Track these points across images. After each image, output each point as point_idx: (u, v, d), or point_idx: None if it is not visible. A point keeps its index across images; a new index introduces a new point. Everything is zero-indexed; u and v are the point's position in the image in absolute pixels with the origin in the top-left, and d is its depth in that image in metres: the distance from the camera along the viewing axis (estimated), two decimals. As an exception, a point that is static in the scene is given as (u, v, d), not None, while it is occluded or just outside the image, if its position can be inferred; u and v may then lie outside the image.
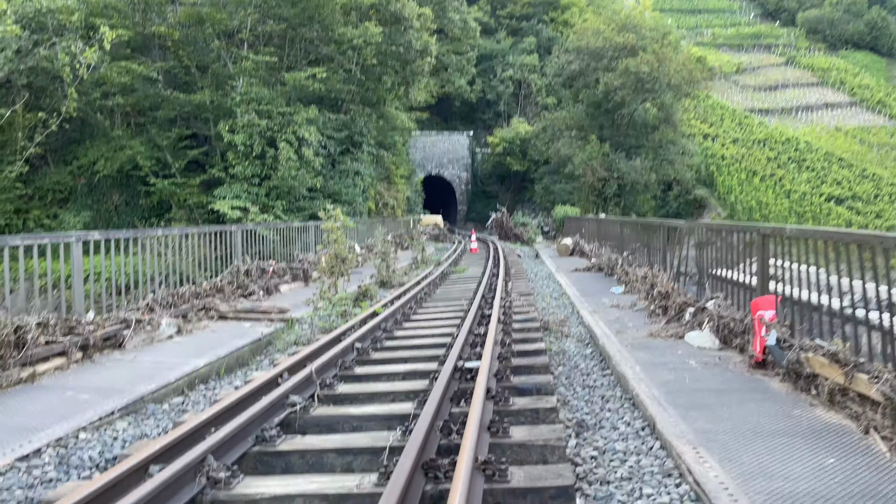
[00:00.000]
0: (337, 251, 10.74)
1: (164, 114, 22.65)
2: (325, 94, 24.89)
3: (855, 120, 67.20)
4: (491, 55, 60.51)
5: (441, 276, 14.82)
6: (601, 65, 40.93)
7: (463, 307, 9.67)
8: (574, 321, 9.46)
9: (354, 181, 26.70)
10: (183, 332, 8.04)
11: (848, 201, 50.15)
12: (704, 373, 5.81)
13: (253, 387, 5.04)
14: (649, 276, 10.20)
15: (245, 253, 11.98)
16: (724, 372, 5.82)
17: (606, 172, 39.28)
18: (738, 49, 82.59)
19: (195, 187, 22.38)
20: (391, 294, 11.39)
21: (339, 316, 9.19)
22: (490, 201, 52.57)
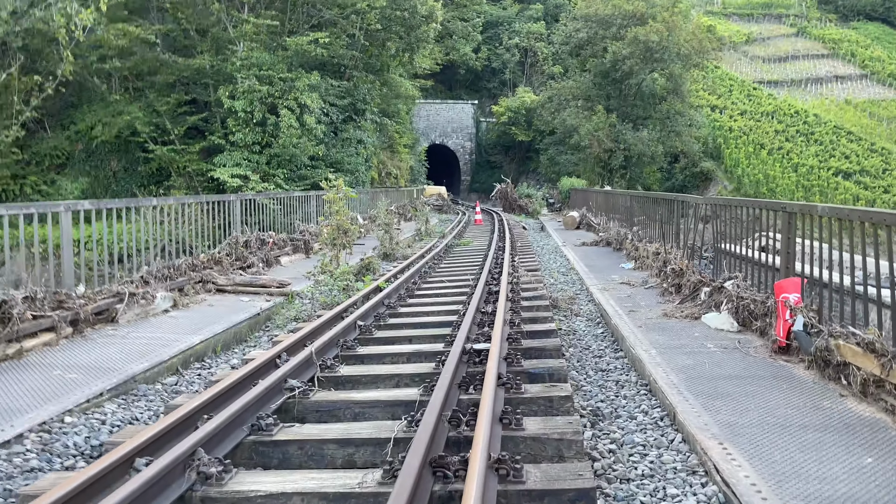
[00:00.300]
0: (339, 222, 10.42)
1: (163, 78, 22.16)
2: (328, 60, 24.32)
3: (865, 93, 66.16)
4: (497, 22, 59.43)
5: (445, 249, 14.52)
6: (609, 33, 40.13)
7: (469, 282, 9.38)
8: (583, 298, 9.17)
9: (357, 150, 26.26)
10: (179, 306, 7.76)
11: (856, 175, 49.58)
12: (724, 357, 5.53)
13: (250, 369, 4.76)
14: (661, 252, 9.88)
15: (244, 223, 11.67)
16: (744, 357, 5.54)
17: (613, 144, 38.74)
18: (749, 19, 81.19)
19: (195, 154, 21.99)
20: (395, 267, 11.10)
21: (340, 290, 8.90)
22: (494, 172, 52.04)
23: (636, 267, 11.05)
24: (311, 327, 6.18)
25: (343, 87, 24.94)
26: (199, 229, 11.03)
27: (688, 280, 8.12)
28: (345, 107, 25.20)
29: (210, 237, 11.12)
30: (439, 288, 9.37)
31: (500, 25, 59.45)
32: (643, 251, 11.32)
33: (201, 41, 23.07)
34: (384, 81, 32.40)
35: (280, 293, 8.72)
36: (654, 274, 9.75)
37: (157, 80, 22.27)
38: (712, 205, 8.41)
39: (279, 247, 12.01)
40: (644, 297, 8.43)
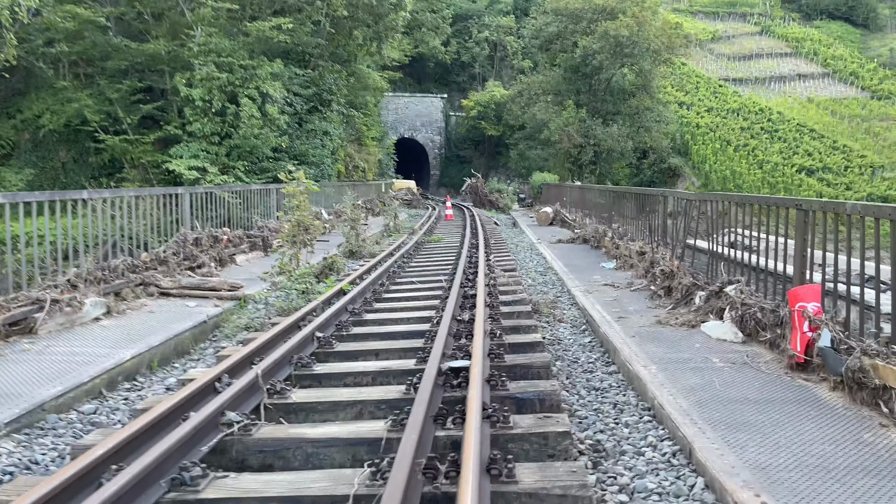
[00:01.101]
0: (299, 218, 9.56)
1: (115, 64, 20.89)
2: (292, 47, 23.28)
3: (827, 91, 67.29)
4: (466, 15, 58.69)
5: (416, 247, 13.74)
6: (579, 27, 39.75)
7: (442, 284, 8.62)
8: (566, 302, 8.48)
9: (323, 142, 25.29)
10: (113, 312, 6.85)
11: (819, 172, 50.34)
12: (735, 375, 4.86)
13: (181, 397, 3.93)
14: (648, 251, 9.24)
15: (196, 218, 10.71)
16: (757, 374, 4.87)
17: (583, 139, 38.36)
18: (714, 17, 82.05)
19: (149, 145, 20.78)
20: (361, 267, 10.28)
21: (299, 294, 8.07)
22: (464, 166, 51.35)
23: (618, 266, 10.41)
24: (261, 340, 5.35)
25: (308, 76, 23.91)
26: (154, 224, 10.11)
27: (679, 282, 7.47)
28: (310, 97, 24.19)
29: (166, 233, 10.21)
30: (410, 291, 8.59)
31: (469, 18, 58.71)
32: (625, 249, 10.68)
33: (157, 25, 21.84)
34: (352, 72, 31.40)
35: (231, 297, 7.85)
36: (639, 274, 9.11)
37: (109, 67, 20.98)
38: (709, 202, 7.76)
39: (235, 244, 11.08)
40: (632, 301, 7.76)
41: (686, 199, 8.39)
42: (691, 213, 8.19)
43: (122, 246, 8.64)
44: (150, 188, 10.71)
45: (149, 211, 9.89)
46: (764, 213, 6.22)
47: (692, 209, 8.19)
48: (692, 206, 8.26)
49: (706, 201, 7.78)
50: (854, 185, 48.15)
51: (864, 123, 58.54)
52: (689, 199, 8.39)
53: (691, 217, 8.17)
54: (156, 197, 9.67)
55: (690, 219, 8.17)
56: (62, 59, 21.00)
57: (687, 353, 5.50)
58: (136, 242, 9.51)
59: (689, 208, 8.20)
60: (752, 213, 6.33)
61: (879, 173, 49.69)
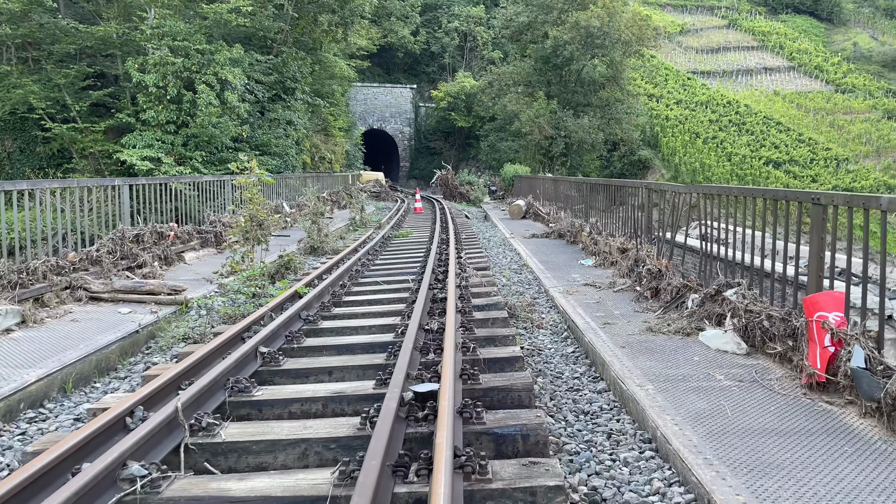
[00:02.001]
0: (253, 213, 8.71)
1: (62, 48, 19.60)
2: (253, 32, 22.21)
3: (792, 84, 68.08)
4: (436, 5, 57.82)
5: (382, 242, 12.94)
6: (550, 18, 39.24)
7: (409, 286, 7.86)
8: (544, 304, 7.78)
9: (286, 131, 24.27)
10: (29, 322, 5.96)
11: (785, 165, 50.85)
12: (746, 397, 4.20)
13: (76, 441, 3.12)
14: (631, 248, 8.59)
15: (138, 213, 9.77)
16: (771, 396, 4.22)
17: (554, 130, 37.88)
18: (682, 10, 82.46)
19: (100, 134, 19.57)
20: (322, 265, 9.47)
21: (249, 298, 7.24)
22: (434, 158, 50.60)
23: (597, 263, 9.76)
24: (195, 357, 4.55)
25: (270, 62, 22.85)
26: (104, 218, 9.20)
27: (668, 283, 6.82)
28: (272, 84, 23.14)
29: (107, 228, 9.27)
30: (373, 293, 7.81)
31: (439, 8, 57.85)
32: (604, 246, 10.04)
33: (108, 7, 20.59)
34: (317, 60, 30.36)
35: (172, 302, 6.99)
36: (622, 273, 8.45)
37: (56, 50, 19.68)
38: (702, 194, 7.09)
39: (184, 241, 10.16)
40: (616, 304, 7.09)
41: (675, 192, 7.72)
42: (680, 208, 7.54)
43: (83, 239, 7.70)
44: (78, 179, 9.68)
45: (105, 203, 8.95)
46: (769, 208, 5.57)
47: (681, 203, 7.55)
48: (680, 199, 7.61)
49: (700, 195, 7.12)
50: (820, 178, 48.69)
51: (828, 116, 59.19)
52: (680, 191, 7.72)
53: (680, 212, 7.52)
54: (85, 188, 8.68)
55: (679, 214, 7.52)
56: (6, 41, 19.64)
57: (686, 367, 4.84)
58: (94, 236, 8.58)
59: (678, 202, 7.55)
60: (754, 209, 5.68)
61: (844, 166, 50.32)
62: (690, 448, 3.45)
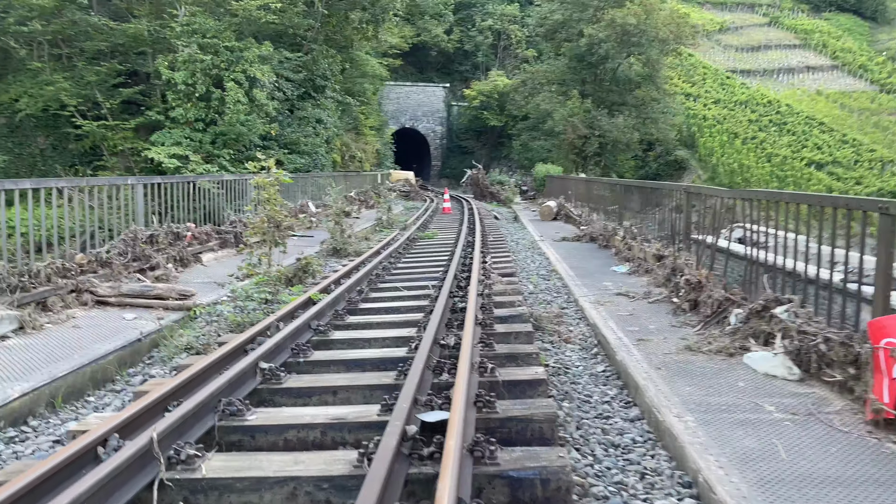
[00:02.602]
0: (270, 214, 8.39)
1: (94, 45, 19.63)
2: (283, 29, 22.04)
3: (836, 84, 66.16)
4: (470, 3, 57.34)
5: (406, 244, 12.55)
6: (585, 15, 38.55)
7: (429, 293, 7.44)
8: (573, 314, 7.29)
9: (316, 130, 24.08)
10: (28, 328, 5.68)
11: (828, 167, 49.32)
12: (802, 435, 3.68)
13: (32, 479, 2.76)
14: (668, 256, 8.04)
15: (153, 213, 9.51)
16: (831, 434, 3.69)
17: (587, 130, 37.16)
18: (722, 8, 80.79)
19: (130, 131, 19.54)
20: (341, 269, 9.11)
21: (261, 303, 6.90)
22: (465, 157, 50.17)
23: (631, 271, 9.22)
24: (190, 373, 4.19)
25: (300, 60, 22.64)
26: (131, 215, 9.02)
27: (708, 296, 6.28)
28: (301, 82, 22.95)
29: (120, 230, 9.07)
30: (391, 300, 7.41)
31: (473, 7, 57.34)
32: (639, 252, 9.50)
33: (139, 4, 20.60)
34: (349, 58, 30.18)
35: (179, 307, 6.67)
36: (657, 282, 7.92)
37: (88, 48, 19.73)
38: (747, 199, 6.48)
39: (201, 241, 9.90)
40: (651, 317, 6.57)
41: (718, 197, 7.13)
42: (722, 214, 6.96)
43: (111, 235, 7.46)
44: (89, 178, 9.43)
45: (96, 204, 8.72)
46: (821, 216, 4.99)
47: (722, 208, 6.97)
48: (723, 204, 7.03)
49: (745, 200, 6.53)
50: (864, 180, 47.15)
51: (873, 117, 57.33)
52: (723, 196, 7.12)
53: (722, 218, 6.94)
54: (96, 188, 8.39)
55: (721, 220, 6.94)
56: (38, 38, 19.74)
57: (730, 394, 4.33)
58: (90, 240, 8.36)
59: (720, 207, 6.96)
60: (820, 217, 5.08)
61: (889, 168, 48.66)
62: (739, 500, 2.96)
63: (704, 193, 7.66)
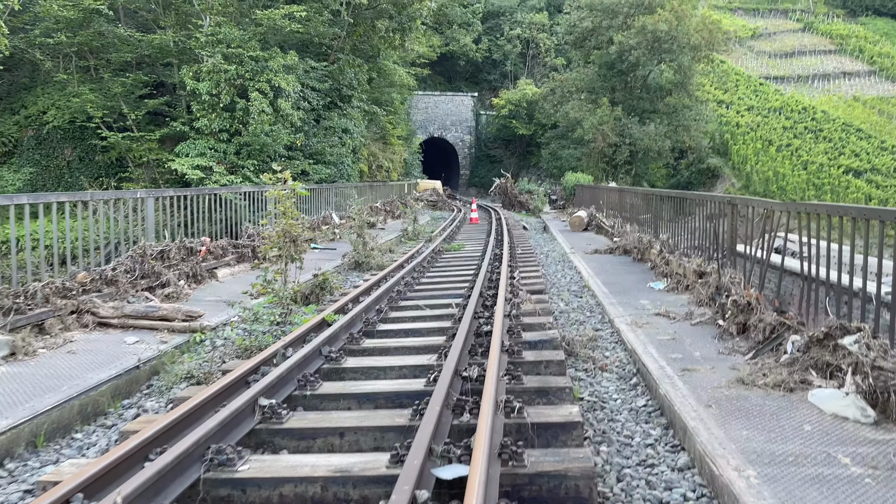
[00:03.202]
0: (287, 227, 7.98)
1: (119, 56, 19.61)
2: (308, 39, 21.82)
3: (874, 89, 64.52)
4: (498, 12, 57.05)
5: (431, 257, 12.08)
6: (615, 22, 37.95)
7: (452, 313, 6.94)
8: (608, 337, 6.71)
9: (342, 139, 23.78)
10: (20, 354, 5.31)
11: (867, 174, 47.94)
12: (887, 498, 3.09)
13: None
14: (710, 272, 7.42)
15: (165, 226, 9.17)
16: (924, 495, 3.09)
17: (618, 138, 36.48)
18: (754, 14, 79.60)
19: (154, 142, 19.44)
20: (362, 284, 8.66)
21: (273, 324, 6.46)
22: (494, 166, 49.73)
23: (669, 288, 8.61)
24: (182, 411, 3.76)
25: (326, 69, 22.39)
26: (140, 229, 8.71)
27: (759, 319, 5.68)
28: (327, 91, 22.68)
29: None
30: (411, 321, 6.93)
31: (501, 16, 57.07)
32: (678, 267, 8.88)
33: (165, 15, 20.56)
34: (376, 68, 29.94)
35: (185, 329, 6.27)
36: (700, 301, 7.31)
37: (114, 59, 19.72)
38: (803, 213, 5.81)
39: (217, 256, 9.53)
40: (695, 341, 5.98)
41: (768, 209, 6.47)
42: (771, 226, 6.32)
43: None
44: (93, 192, 9.14)
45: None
46: None
47: (776, 223, 6.32)
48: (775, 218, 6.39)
49: (801, 213, 5.88)
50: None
51: (913, 123, 55.64)
52: (774, 209, 6.45)
53: (774, 233, 6.30)
54: (104, 202, 8.04)
55: (774, 235, 6.29)
56: (64, 50, 19.78)
57: (795, 441, 3.74)
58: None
59: (773, 223, 6.32)
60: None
61: (933, 175, 47.15)
62: (824, 589, 2.39)
63: (752, 205, 7.02)
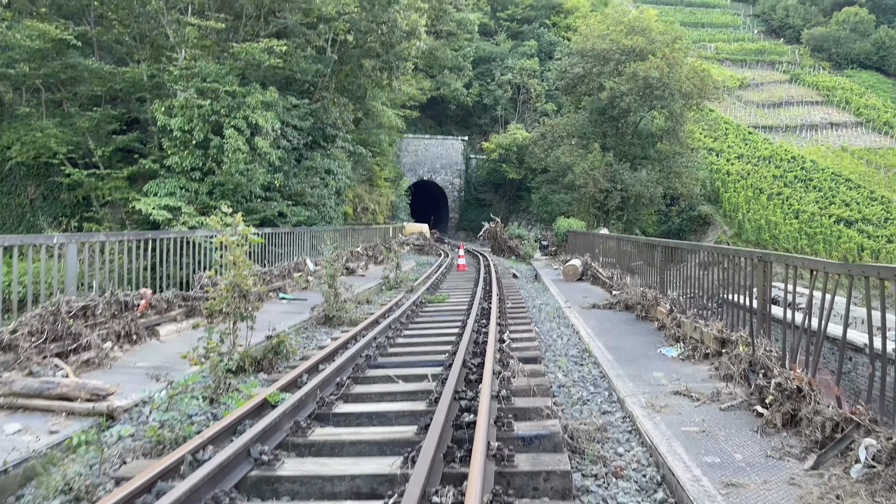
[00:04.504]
0: (236, 280, 6.76)
1: (88, 90, 18.53)
2: (291, 75, 20.88)
3: (861, 140, 65.29)
4: (489, 58, 57.04)
5: (412, 310, 10.84)
6: (607, 69, 37.69)
7: (428, 387, 5.70)
8: (618, 423, 5.46)
9: (325, 180, 22.70)
10: None
11: (858, 224, 47.73)
12: None
13: None
14: (738, 342, 6.22)
15: (88, 278, 7.84)
16: None
17: (609, 184, 35.74)
18: (742, 64, 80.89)
19: (121, 180, 18.22)
20: (327, 345, 7.40)
21: (206, 403, 5.18)
22: (484, 210, 48.93)
23: (685, 355, 7.39)
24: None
25: (308, 107, 21.43)
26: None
27: (815, 411, 4.47)
28: (309, 130, 21.67)
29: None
30: (376, 400, 5.66)
31: (492, 61, 57.11)
32: (691, 329, 7.68)
33: (141, 49, 19.58)
34: (364, 109, 29.14)
35: (89, 412, 4.97)
36: (724, 375, 6.09)
37: (82, 92, 18.63)
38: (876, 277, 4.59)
39: (160, 311, 8.25)
40: (732, 435, 4.75)
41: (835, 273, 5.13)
42: (831, 294, 5.12)
43: None
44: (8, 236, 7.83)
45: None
46: None
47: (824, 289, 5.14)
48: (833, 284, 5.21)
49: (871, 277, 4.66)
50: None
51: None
52: (835, 272, 5.17)
53: (831, 300, 5.09)
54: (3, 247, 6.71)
55: (831, 300, 5.08)
56: (28, 82, 18.69)
57: None
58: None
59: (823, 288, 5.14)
60: None
61: (921, 226, 46.99)
62: None
63: (792, 263, 5.77)
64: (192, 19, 17.61)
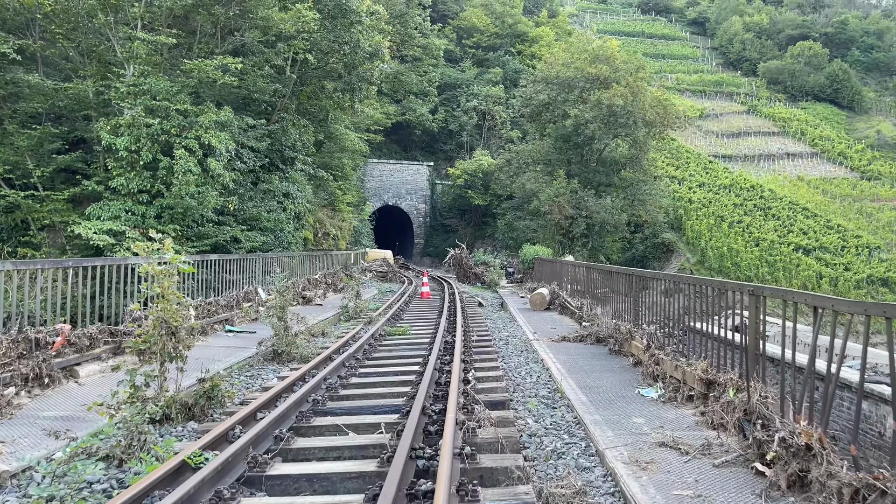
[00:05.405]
0: (163, 314, 5.93)
1: (28, 106, 17.44)
2: (247, 95, 20.06)
3: (816, 170, 66.90)
4: (455, 84, 57.01)
5: (370, 344, 10.03)
6: (571, 96, 37.67)
7: (382, 440, 4.91)
8: (598, 482, 4.73)
9: (283, 204, 21.81)
10: None
11: (816, 252, 48.52)
12: None
13: None
14: (727, 384, 5.57)
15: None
16: None
17: (574, 210, 35.50)
18: (701, 95, 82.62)
19: (61, 203, 17.09)
20: (271, 386, 6.56)
21: (112, 465, 4.33)
22: (449, 236, 48.38)
23: (667, 397, 6.73)
24: None
25: (265, 128, 20.60)
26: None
27: (828, 473, 3.82)
28: (267, 152, 20.82)
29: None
30: (319, 458, 4.85)
31: (458, 87, 57.08)
32: (671, 368, 7.04)
33: (88, 64, 18.58)
34: (326, 131, 28.40)
35: (-39, 481, 4.09)
36: (713, 422, 5.43)
37: (21, 108, 17.52)
38: None
39: (80, 349, 7.31)
40: (732, 502, 4.07)
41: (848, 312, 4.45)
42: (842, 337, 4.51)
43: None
44: None
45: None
46: None
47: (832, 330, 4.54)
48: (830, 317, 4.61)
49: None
50: (853, 266, 46.27)
51: (855, 203, 57.22)
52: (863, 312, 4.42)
53: (843, 342, 4.48)
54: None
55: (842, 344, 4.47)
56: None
57: None
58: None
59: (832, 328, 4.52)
60: None
61: (876, 254, 47.91)
62: None
63: (791, 298, 5.11)
64: (141, 34, 16.71)
